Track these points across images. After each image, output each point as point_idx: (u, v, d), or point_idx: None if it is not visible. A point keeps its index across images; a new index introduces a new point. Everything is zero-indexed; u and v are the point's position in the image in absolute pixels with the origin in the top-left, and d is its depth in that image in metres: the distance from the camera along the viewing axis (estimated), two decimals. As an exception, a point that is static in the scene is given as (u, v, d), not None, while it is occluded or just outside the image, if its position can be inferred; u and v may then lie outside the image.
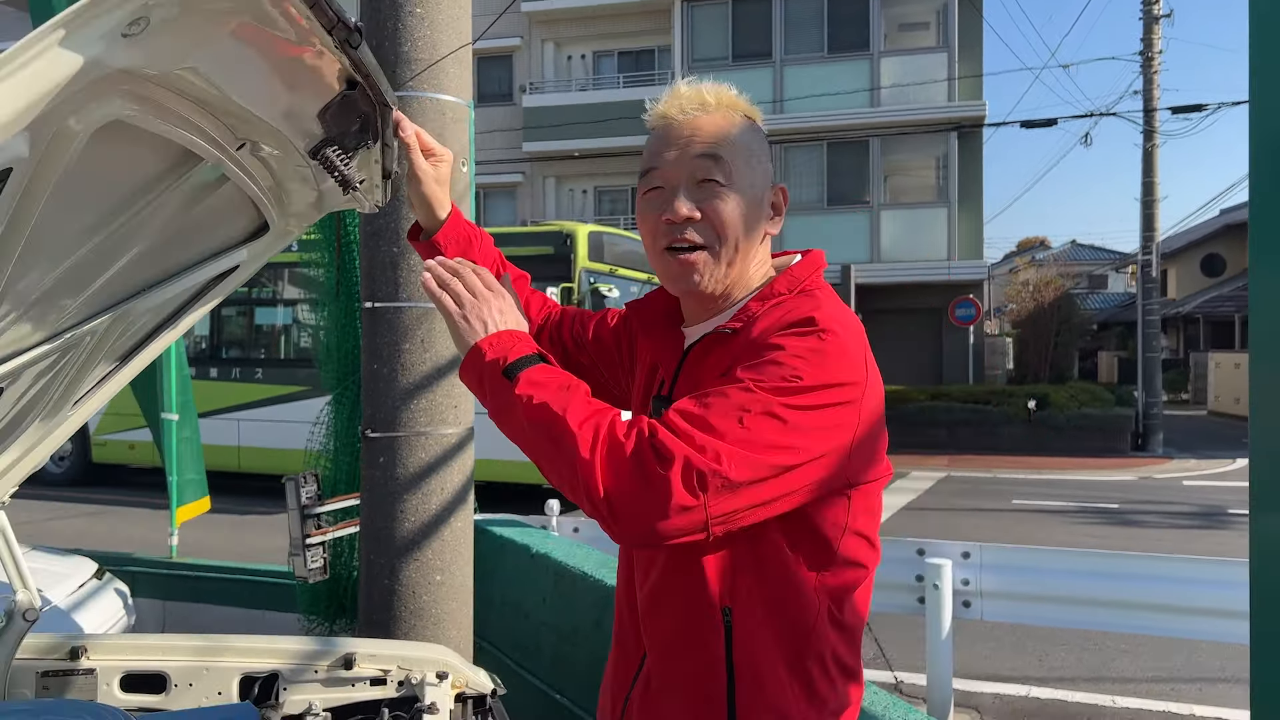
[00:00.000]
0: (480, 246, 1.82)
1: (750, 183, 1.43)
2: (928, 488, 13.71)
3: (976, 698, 5.53)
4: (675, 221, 1.41)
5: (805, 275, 1.46)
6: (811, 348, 1.28)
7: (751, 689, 1.35)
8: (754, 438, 1.20)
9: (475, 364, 1.36)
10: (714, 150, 1.40)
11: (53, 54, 0.88)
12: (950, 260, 19.93)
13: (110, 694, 2.12)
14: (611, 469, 1.19)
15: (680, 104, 1.44)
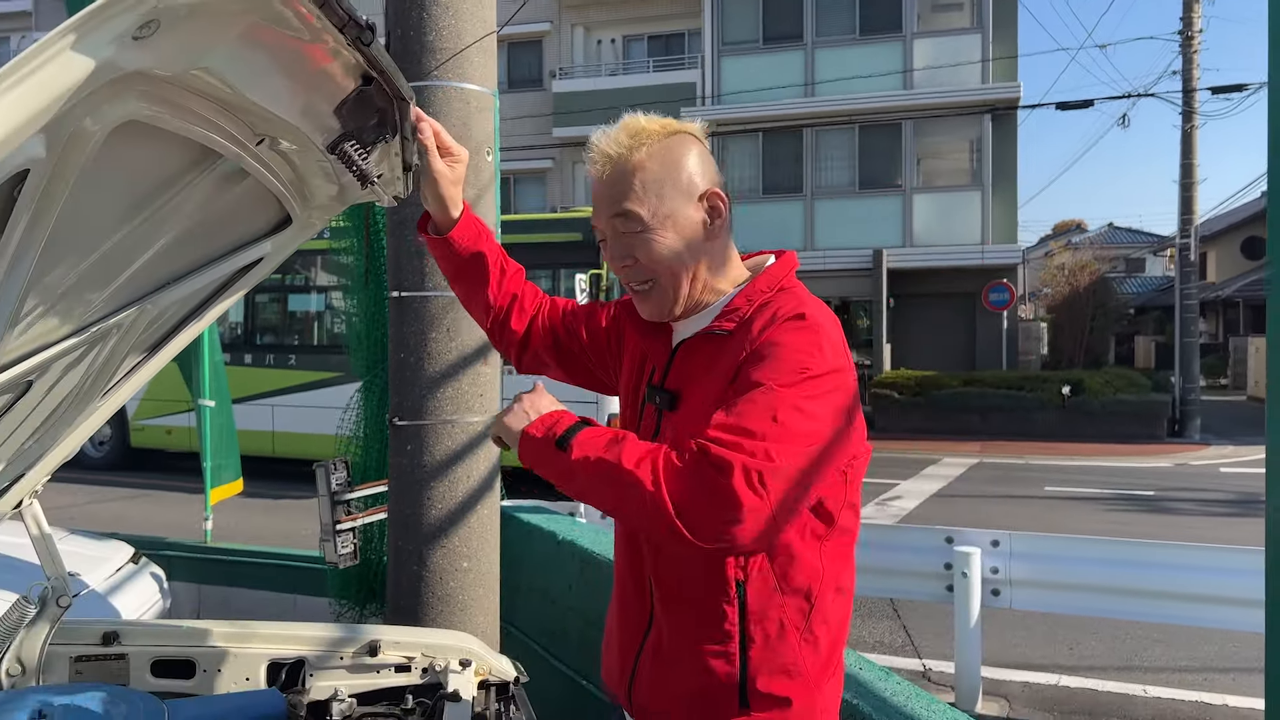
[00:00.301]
0: (487, 241, 1.89)
1: (667, 211, 1.54)
2: (959, 474, 13.61)
3: (1005, 686, 5.50)
4: (619, 270, 1.60)
5: (782, 275, 1.60)
6: (810, 341, 1.43)
7: (763, 653, 1.49)
8: (788, 431, 1.33)
9: (531, 447, 1.47)
10: (617, 208, 1.55)
11: (64, 58, 0.90)
12: (984, 244, 19.70)
13: (142, 679, 2.16)
14: (678, 493, 1.30)
15: (591, 164, 1.59)
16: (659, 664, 1.57)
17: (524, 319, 1.92)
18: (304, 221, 1.94)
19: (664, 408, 1.60)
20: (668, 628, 1.56)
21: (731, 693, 1.49)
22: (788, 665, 1.49)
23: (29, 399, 1.75)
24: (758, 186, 21.15)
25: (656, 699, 1.57)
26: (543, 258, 11.60)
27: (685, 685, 1.52)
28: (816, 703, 1.52)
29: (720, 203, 1.58)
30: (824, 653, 1.53)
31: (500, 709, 2.13)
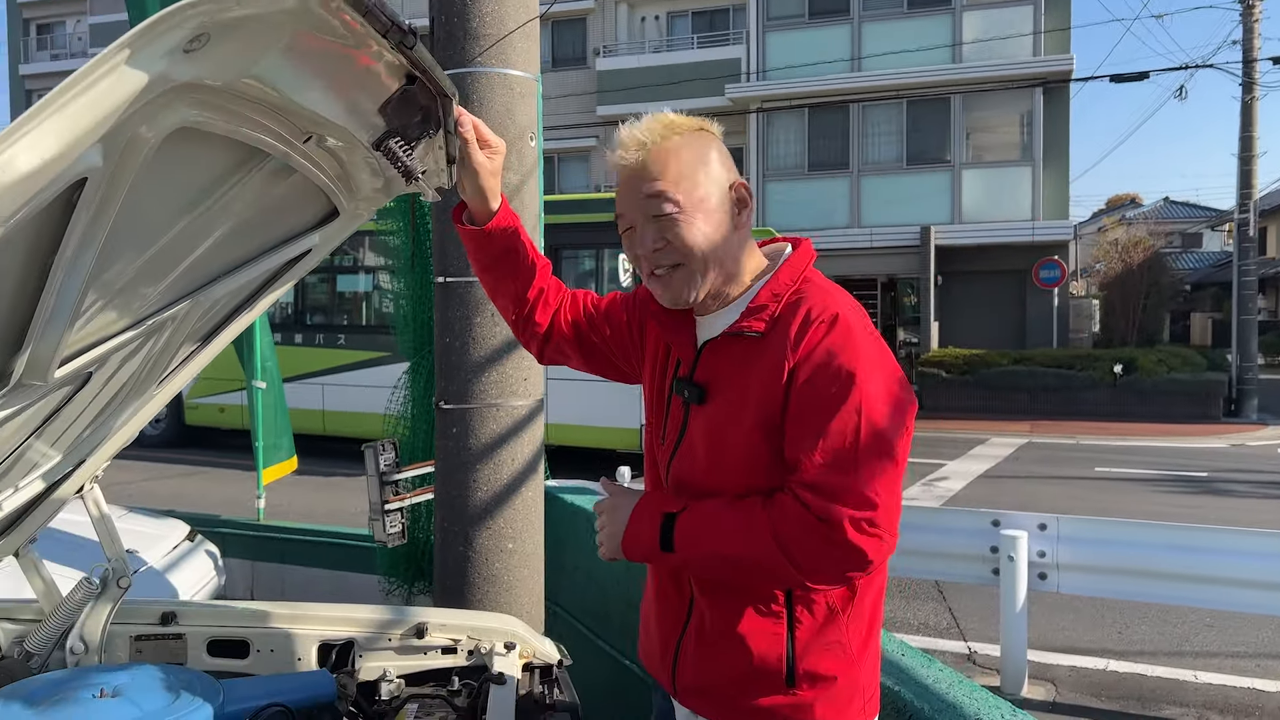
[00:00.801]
0: (520, 235, 1.92)
1: (701, 197, 1.58)
2: (1007, 454, 13.47)
3: (1053, 670, 5.46)
4: (645, 255, 1.61)
5: (802, 267, 1.63)
6: (853, 346, 1.48)
7: (809, 634, 1.55)
8: (877, 464, 1.42)
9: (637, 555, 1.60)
10: (656, 188, 1.57)
11: (119, 73, 0.93)
12: (1034, 220, 19.36)
13: (198, 658, 2.23)
14: (799, 558, 1.41)
15: (625, 149, 1.62)
16: (703, 646, 1.61)
17: (548, 312, 1.96)
18: (351, 213, 1.98)
19: (692, 401, 1.63)
20: (711, 612, 1.60)
21: (778, 672, 1.54)
22: (832, 644, 1.55)
23: (88, 389, 1.81)
24: (803, 163, 20.97)
25: (703, 679, 1.62)
26: (586, 238, 11.64)
27: (732, 665, 1.57)
28: (859, 677, 1.58)
29: (746, 194, 1.63)
30: (864, 628, 1.59)
31: (544, 691, 2.17)
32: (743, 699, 1.56)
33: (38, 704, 1.71)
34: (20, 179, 0.94)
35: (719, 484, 1.57)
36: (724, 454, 1.57)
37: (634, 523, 1.58)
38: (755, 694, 1.55)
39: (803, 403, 1.47)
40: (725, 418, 1.57)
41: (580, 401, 10.82)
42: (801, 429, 1.47)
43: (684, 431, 1.65)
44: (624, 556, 1.61)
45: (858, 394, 1.44)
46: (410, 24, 1.16)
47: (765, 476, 1.52)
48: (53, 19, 34.41)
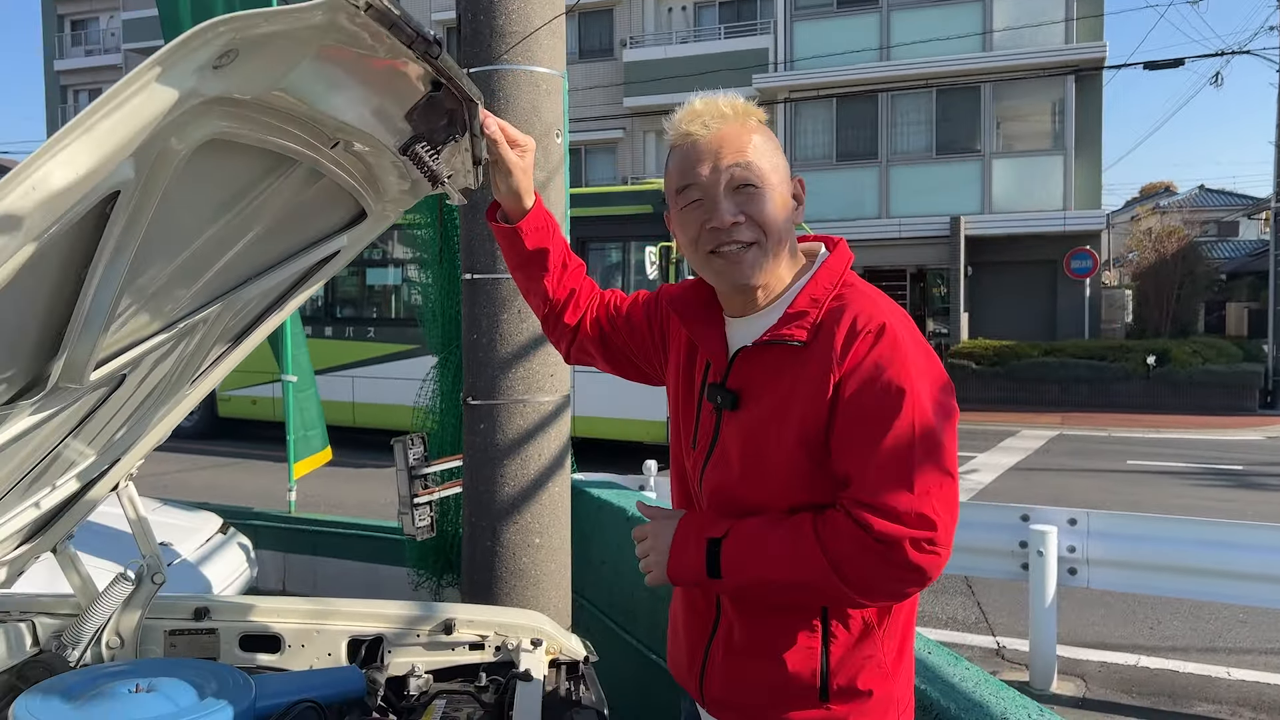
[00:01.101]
0: (553, 235, 1.91)
1: (777, 181, 1.55)
2: (1038, 447, 13.36)
3: (1082, 665, 5.43)
4: (722, 228, 1.53)
5: (841, 270, 1.58)
6: (903, 359, 1.44)
7: (844, 650, 1.52)
8: (931, 480, 1.39)
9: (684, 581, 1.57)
10: (744, 159, 1.53)
11: (150, 90, 0.95)
12: (1066, 210, 19.16)
13: (230, 652, 2.27)
14: (856, 578, 1.40)
15: (702, 119, 1.56)
16: (733, 658, 1.58)
17: (577, 314, 1.95)
18: (379, 215, 2.00)
19: (725, 407, 1.59)
20: (740, 623, 1.57)
21: (812, 687, 1.51)
22: (866, 658, 1.52)
23: (122, 391, 1.84)
24: (831, 154, 20.85)
25: (733, 692, 1.59)
26: (612, 230, 11.64)
27: (764, 679, 1.54)
28: (893, 691, 1.55)
29: (801, 190, 1.61)
30: (898, 641, 1.56)
31: (570, 687, 2.18)
32: (773, 713, 1.53)
33: (75, 698, 1.75)
34: (54, 195, 0.97)
35: (757, 496, 1.53)
36: (761, 465, 1.53)
37: (678, 549, 1.54)
38: (787, 708, 1.52)
39: (852, 418, 1.43)
40: (762, 427, 1.53)
41: (607, 394, 10.84)
42: (852, 445, 1.43)
43: (716, 439, 1.61)
44: (670, 583, 1.58)
45: (910, 408, 1.40)
46: (434, 34, 1.17)
47: (807, 490, 1.49)
48: (86, 15, 34.83)
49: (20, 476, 1.86)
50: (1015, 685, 4.85)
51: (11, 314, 1.24)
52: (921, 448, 1.40)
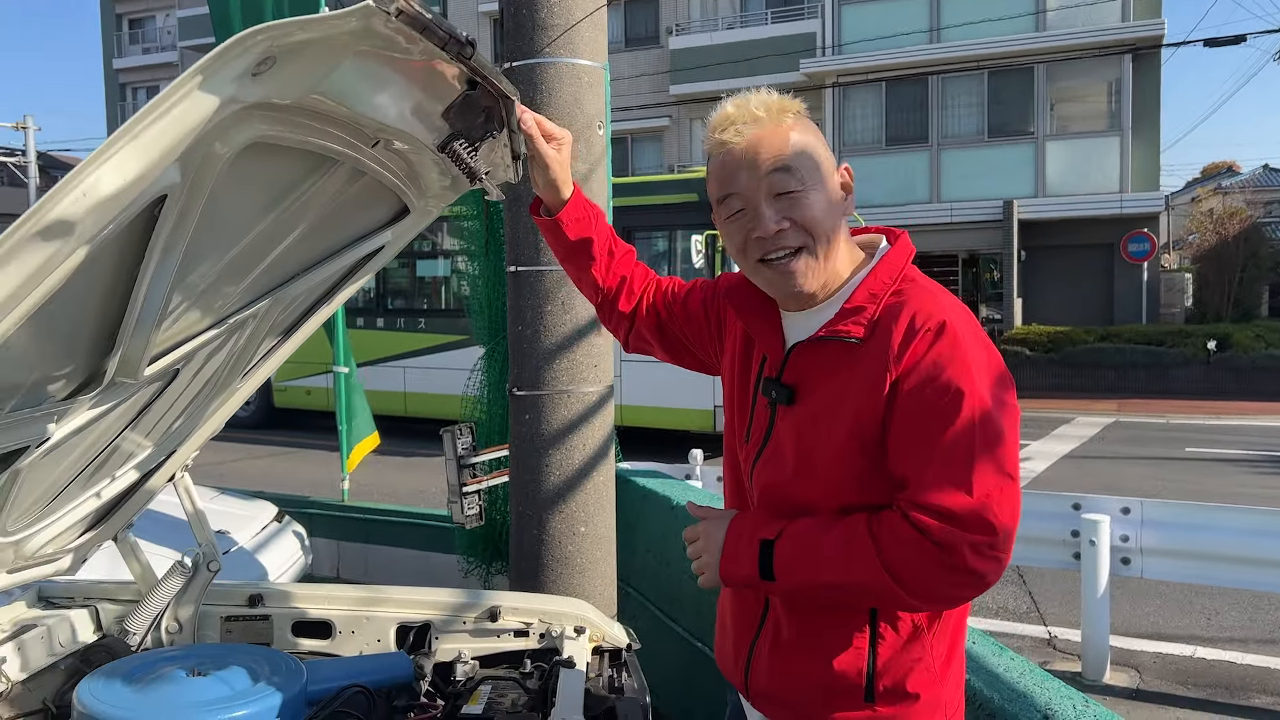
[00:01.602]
0: (597, 223, 1.91)
1: (822, 177, 1.50)
2: (1093, 434, 13.13)
3: (1136, 656, 5.35)
4: (766, 237, 1.49)
5: (901, 264, 1.54)
6: (966, 359, 1.41)
7: (892, 651, 1.49)
8: (992, 483, 1.36)
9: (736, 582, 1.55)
10: (782, 162, 1.48)
11: (193, 98, 0.99)
12: (1122, 192, 18.75)
13: (283, 638, 2.34)
14: (914, 582, 1.37)
15: (735, 126, 1.51)
16: (778, 654, 1.58)
17: (631, 301, 1.94)
18: (422, 211, 2.04)
19: (780, 402, 1.56)
20: (788, 619, 1.56)
21: (857, 687, 1.49)
22: (914, 661, 1.49)
23: (177, 385, 1.90)
24: (880, 138, 20.62)
25: (778, 688, 1.58)
26: (658, 219, 11.65)
27: (809, 676, 1.53)
28: (941, 694, 1.52)
29: (849, 178, 1.57)
30: (948, 644, 1.53)
31: (613, 675, 2.21)
32: (818, 711, 1.52)
33: (136, 681, 1.82)
34: (105, 199, 1.01)
35: (809, 493, 1.52)
36: (814, 462, 1.50)
37: (730, 550, 1.52)
38: (832, 707, 1.51)
39: (910, 418, 1.40)
40: (816, 424, 1.50)
41: (653, 383, 10.88)
42: (910, 445, 1.40)
43: (770, 434, 1.58)
44: (723, 584, 1.57)
45: (970, 408, 1.37)
46: (467, 35, 1.20)
47: (859, 490, 1.47)
48: (143, 13, 35.56)
49: (81, 468, 1.93)
50: (1067, 676, 4.81)
51: (68, 313, 1.29)
52: (982, 449, 1.36)
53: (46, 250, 1.02)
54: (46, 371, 1.44)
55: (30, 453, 1.58)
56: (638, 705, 2.04)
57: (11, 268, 1.02)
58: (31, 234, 1.02)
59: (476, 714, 2.00)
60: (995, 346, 1.49)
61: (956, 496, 1.35)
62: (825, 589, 1.44)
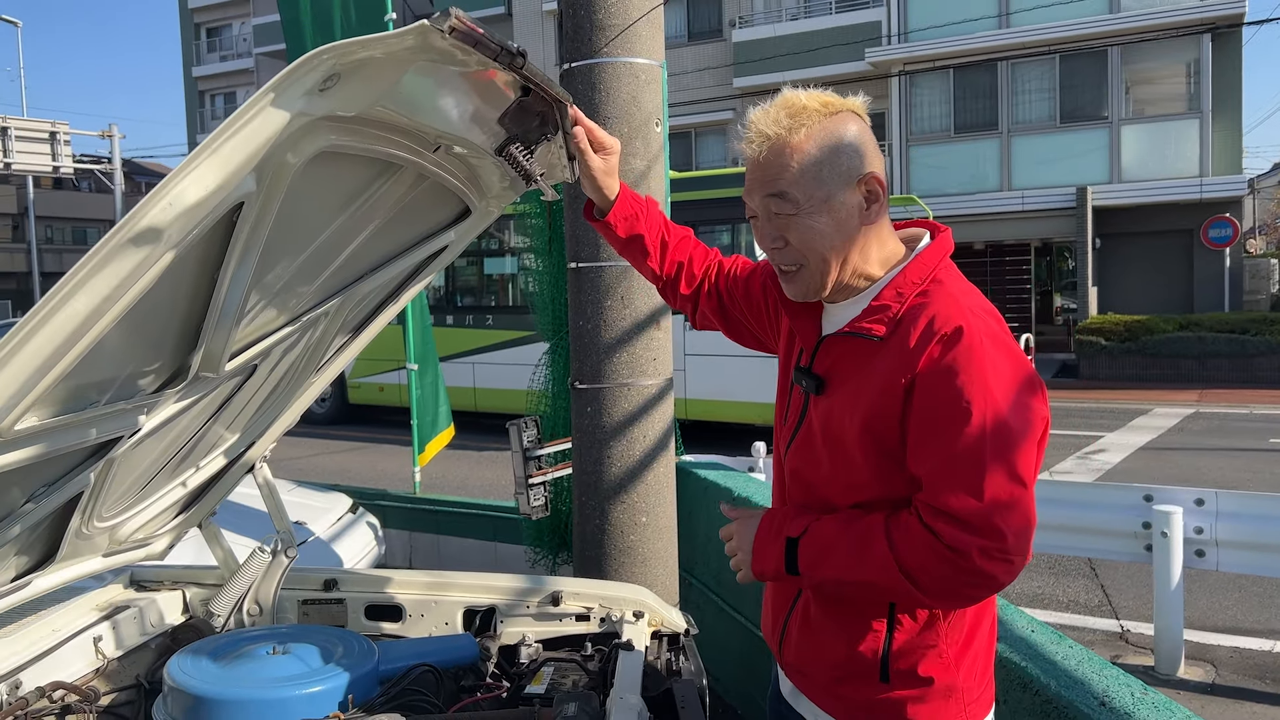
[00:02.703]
0: (646, 217, 1.99)
1: (824, 195, 1.52)
2: (1171, 425, 12.79)
3: (1212, 651, 5.24)
4: (768, 252, 1.62)
5: (934, 264, 1.56)
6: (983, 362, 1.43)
7: (908, 636, 1.55)
8: (1001, 489, 1.39)
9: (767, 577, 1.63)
10: (775, 189, 1.53)
11: (266, 114, 1.09)
12: (1202, 176, 18.18)
13: (357, 621, 2.45)
14: (928, 584, 1.42)
15: (750, 139, 1.55)
16: (806, 630, 1.65)
17: (692, 285, 2.02)
18: (483, 211, 2.12)
19: (810, 391, 1.62)
20: (816, 602, 1.63)
21: (874, 666, 1.56)
22: (927, 648, 1.54)
23: (255, 379, 2.02)
24: (949, 126, 20.30)
25: (803, 661, 1.66)
26: (719, 213, 11.65)
27: (831, 653, 1.60)
28: (956, 681, 1.56)
29: (879, 187, 1.55)
30: (964, 634, 1.57)
31: (671, 658, 2.28)
32: (838, 686, 1.60)
33: (220, 658, 1.94)
34: (189, 208, 1.11)
35: (831, 484, 1.58)
36: (835, 453, 1.56)
37: (760, 547, 1.60)
38: (850, 684, 1.58)
39: (924, 421, 1.44)
40: (839, 416, 1.55)
41: (718, 377, 10.90)
42: (925, 448, 1.44)
43: (802, 420, 1.64)
44: (758, 579, 1.65)
45: (980, 415, 1.39)
46: (518, 46, 1.27)
47: (875, 483, 1.52)
48: (220, 22, 36.59)
49: (169, 458, 2.06)
50: (1139, 670, 4.76)
51: (156, 313, 1.40)
52: (993, 456, 1.39)
53: (137, 256, 1.13)
54: (137, 367, 1.56)
55: (123, 442, 1.70)
56: (694, 687, 2.10)
57: (107, 272, 1.13)
58: (124, 241, 1.12)
59: (539, 693, 2.08)
60: (1020, 351, 1.50)
61: (966, 501, 1.38)
62: (846, 585, 1.51)
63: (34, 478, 1.61)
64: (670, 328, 3.66)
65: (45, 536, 1.90)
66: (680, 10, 24.17)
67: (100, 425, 1.59)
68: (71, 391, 1.42)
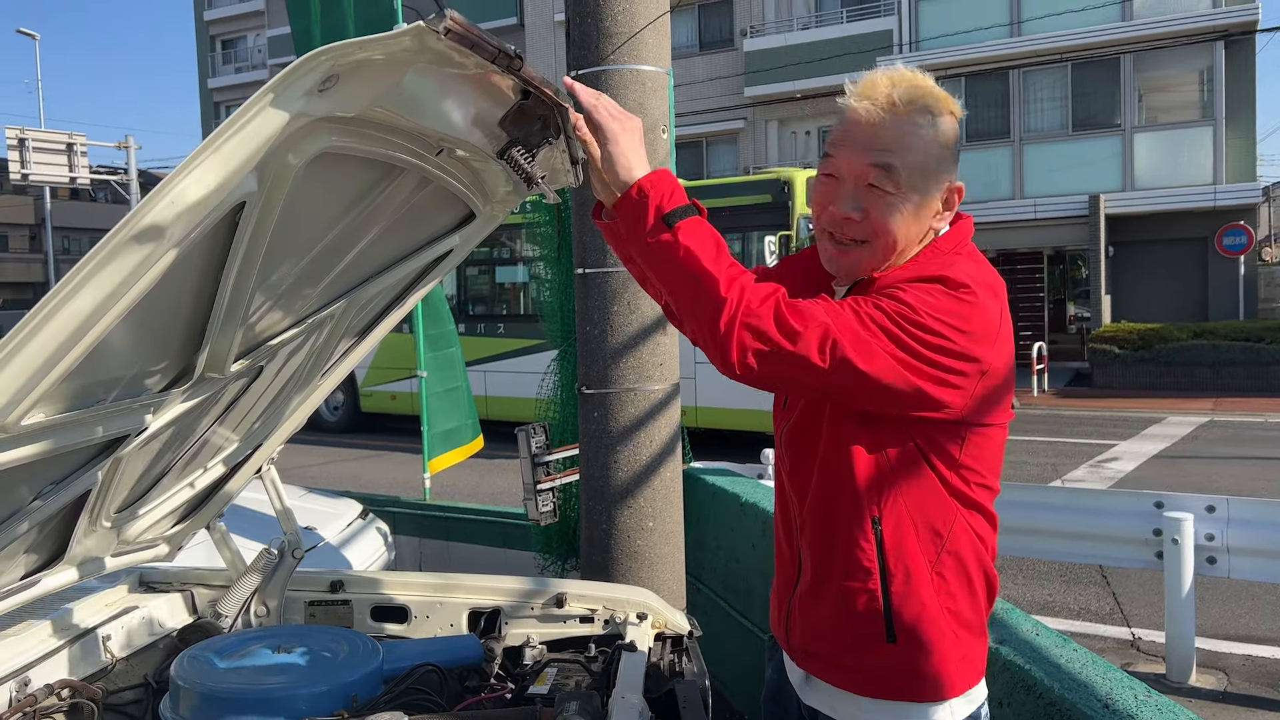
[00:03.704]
0: None
1: (921, 190, 1.53)
2: (1185, 434, 12.71)
3: (1224, 659, 5.20)
4: (838, 218, 1.55)
5: (950, 247, 1.58)
6: (947, 307, 1.44)
7: (904, 588, 1.55)
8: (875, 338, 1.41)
9: (633, 202, 1.53)
10: (887, 160, 1.49)
11: (265, 114, 1.11)
12: (1216, 184, 18.09)
13: (363, 622, 2.47)
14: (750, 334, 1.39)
15: (871, 99, 1.51)
16: (808, 606, 1.66)
17: None
18: (487, 215, 2.14)
19: None
20: (812, 570, 1.65)
21: (879, 628, 1.56)
22: (926, 599, 1.54)
23: (261, 381, 2.04)
24: (961, 134, 20.22)
25: (810, 640, 1.67)
26: (732, 221, 11.67)
27: (834, 624, 1.61)
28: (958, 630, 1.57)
29: (957, 198, 1.58)
30: (963, 598, 1.58)
31: (674, 659, 2.28)
32: (849, 657, 1.59)
33: (227, 657, 1.96)
34: (191, 206, 1.13)
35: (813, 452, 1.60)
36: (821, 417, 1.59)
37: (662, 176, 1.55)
38: (859, 651, 1.58)
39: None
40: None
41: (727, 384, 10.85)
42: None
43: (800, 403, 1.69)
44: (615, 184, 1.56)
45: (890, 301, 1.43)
46: (515, 49, 1.29)
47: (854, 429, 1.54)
48: (234, 34, 36.87)
49: (176, 458, 2.08)
50: (1151, 678, 4.74)
51: (161, 312, 1.42)
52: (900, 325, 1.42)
53: (140, 253, 1.15)
54: (143, 366, 1.58)
55: (130, 441, 1.72)
56: (696, 688, 2.11)
57: (110, 269, 1.16)
58: (127, 239, 1.14)
59: (542, 694, 2.09)
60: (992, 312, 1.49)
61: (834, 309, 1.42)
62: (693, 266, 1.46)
63: (42, 475, 1.64)
64: (676, 333, 3.67)
65: (54, 535, 1.93)
66: (691, 20, 24.24)
67: (107, 423, 1.61)
68: (78, 389, 1.45)
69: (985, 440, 1.57)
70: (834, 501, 1.60)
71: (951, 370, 1.45)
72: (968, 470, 1.56)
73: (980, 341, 1.47)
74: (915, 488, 1.55)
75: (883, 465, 1.55)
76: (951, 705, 1.57)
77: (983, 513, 1.60)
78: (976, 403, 1.50)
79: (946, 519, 1.56)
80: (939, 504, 1.55)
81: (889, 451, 1.54)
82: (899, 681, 1.56)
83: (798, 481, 1.68)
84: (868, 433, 1.54)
